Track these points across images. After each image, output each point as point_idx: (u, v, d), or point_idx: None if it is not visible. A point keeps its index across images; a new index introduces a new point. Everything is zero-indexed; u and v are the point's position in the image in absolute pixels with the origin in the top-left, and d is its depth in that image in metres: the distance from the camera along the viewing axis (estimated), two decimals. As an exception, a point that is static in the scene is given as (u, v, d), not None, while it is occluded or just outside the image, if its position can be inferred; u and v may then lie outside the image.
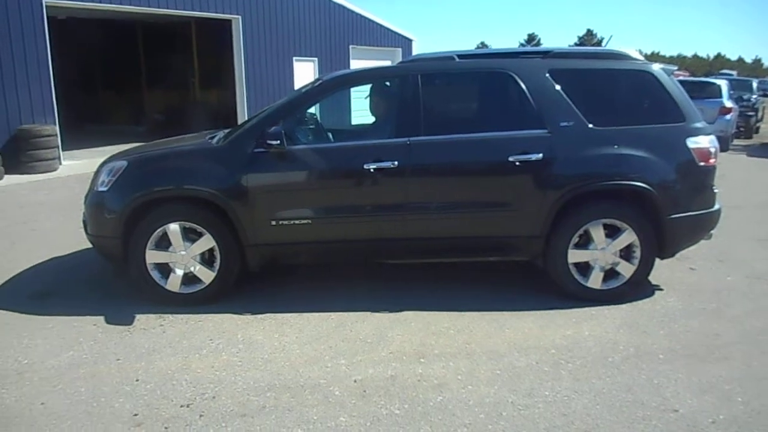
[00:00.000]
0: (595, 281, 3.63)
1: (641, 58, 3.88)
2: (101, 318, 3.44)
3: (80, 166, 9.50)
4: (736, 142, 13.39)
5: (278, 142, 3.46)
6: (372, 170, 3.51)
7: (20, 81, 9.02)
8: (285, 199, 3.61)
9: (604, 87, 3.77)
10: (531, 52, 3.98)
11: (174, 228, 3.53)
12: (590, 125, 3.57)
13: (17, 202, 6.99)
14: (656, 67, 3.77)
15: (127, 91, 16.22)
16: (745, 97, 14.88)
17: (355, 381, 2.74)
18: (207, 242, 3.57)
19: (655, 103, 3.71)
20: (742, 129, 14.36)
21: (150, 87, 16.30)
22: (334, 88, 3.98)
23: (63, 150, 9.65)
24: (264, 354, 3.01)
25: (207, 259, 3.63)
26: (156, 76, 15.97)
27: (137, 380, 2.75)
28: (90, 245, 3.98)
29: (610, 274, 3.66)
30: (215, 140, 3.91)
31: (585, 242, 3.62)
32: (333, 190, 3.67)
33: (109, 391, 2.65)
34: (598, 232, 3.57)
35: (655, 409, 2.50)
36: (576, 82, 3.66)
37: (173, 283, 3.60)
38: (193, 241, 3.58)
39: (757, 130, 15.82)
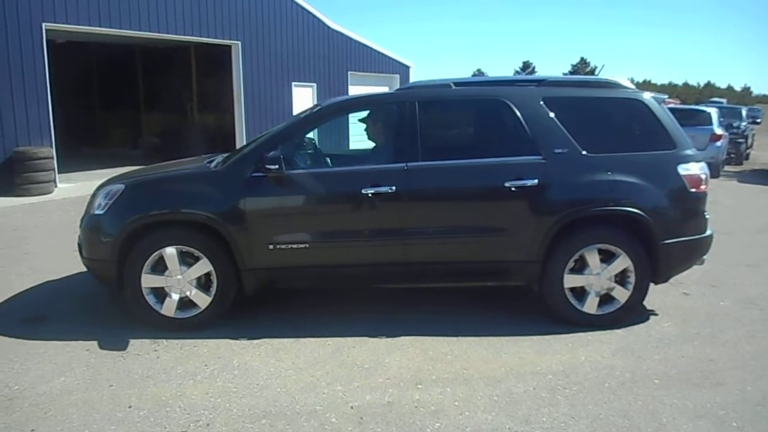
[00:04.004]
0: (590, 306, 3.65)
1: (632, 86, 3.99)
2: (94, 343, 3.40)
3: (76, 189, 9.50)
4: (727, 168, 13.63)
5: (277, 166, 3.50)
6: (370, 195, 3.55)
7: (17, 103, 9.10)
8: (283, 223, 3.63)
9: (597, 115, 3.85)
10: (525, 81, 4.08)
11: (170, 252, 3.53)
12: (584, 152, 3.64)
13: (11, 225, 6.96)
14: (647, 96, 3.86)
15: (125, 114, 16.36)
16: (734, 124, 15.21)
17: (351, 407, 2.72)
18: (204, 266, 3.57)
19: (646, 131, 3.79)
20: (732, 156, 14.64)
21: (148, 110, 16.45)
22: (332, 114, 4.05)
23: (59, 172, 9.67)
24: (259, 380, 2.99)
25: (203, 283, 3.62)
26: (154, 99, 16.14)
27: (130, 407, 2.71)
28: (84, 269, 3.97)
29: (606, 299, 3.68)
30: (213, 164, 3.94)
31: (580, 267, 3.65)
32: (331, 215, 3.70)
33: (101, 418, 2.61)
34: (593, 257, 3.61)
35: (653, 436, 2.50)
36: (569, 109, 3.74)
37: (168, 308, 3.58)
38: (190, 265, 3.57)
39: (747, 157, 16.14)
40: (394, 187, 3.54)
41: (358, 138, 4.94)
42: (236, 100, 13.17)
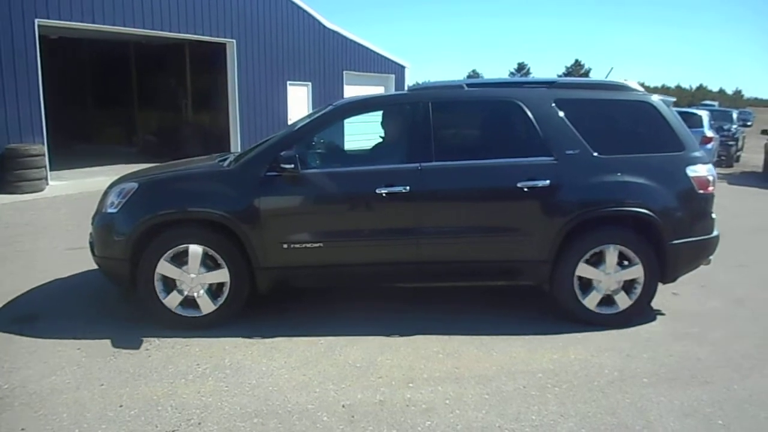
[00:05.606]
0: (591, 301, 3.68)
1: (641, 89, 4.01)
2: (85, 342, 3.39)
3: (67, 187, 9.45)
4: (717, 170, 13.64)
5: (292, 166, 3.51)
6: (384, 195, 3.56)
7: (9, 99, 9.02)
8: (297, 222, 3.63)
9: (607, 116, 3.88)
10: (536, 82, 4.06)
11: (196, 250, 3.52)
12: (595, 153, 3.67)
13: (2, 222, 6.91)
14: (655, 98, 3.91)
15: (119, 112, 16.27)
16: (725, 127, 15.35)
17: (343, 406, 2.73)
18: (221, 276, 3.57)
19: (655, 133, 3.83)
20: (723, 158, 14.76)
21: (142, 108, 16.36)
22: (346, 113, 4.00)
23: (51, 170, 9.60)
24: (251, 379, 2.99)
25: (213, 290, 3.62)
26: (148, 96, 16.05)
27: (121, 406, 2.71)
28: (76, 267, 3.95)
29: (607, 300, 3.71)
30: (226, 163, 3.93)
31: (597, 261, 3.67)
32: (345, 214, 3.70)
33: (92, 417, 2.61)
34: (611, 257, 3.63)
35: (640, 434, 2.53)
36: (580, 111, 3.77)
37: (172, 301, 3.57)
38: (209, 268, 3.57)
39: (737, 159, 16.26)
40: (408, 187, 3.56)
41: (353, 138, 4.94)
42: (231, 98, 13.13)
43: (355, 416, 2.64)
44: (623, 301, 3.69)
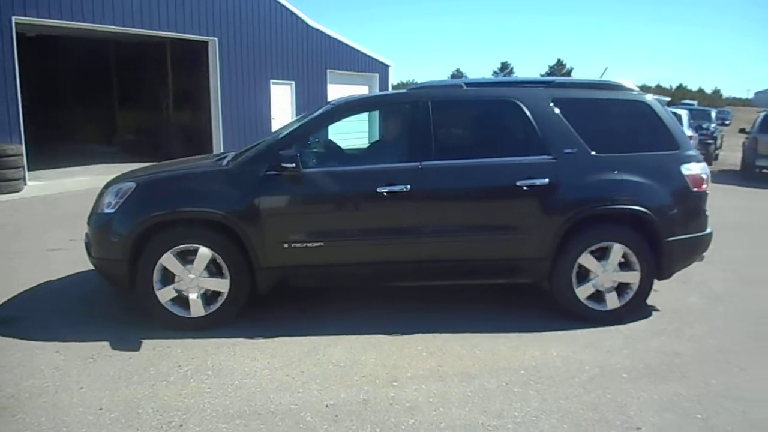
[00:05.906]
0: (583, 292, 3.73)
1: (636, 88, 4.06)
2: (65, 345, 3.33)
3: (46, 187, 9.26)
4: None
5: (293, 165, 3.49)
6: (385, 194, 3.56)
7: (-15, 99, 8.81)
8: (297, 221, 3.62)
9: (604, 116, 3.92)
10: (534, 82, 4.10)
11: (205, 252, 3.49)
12: (592, 152, 3.72)
13: (-22, 223, 6.74)
14: (650, 98, 3.97)
15: (99, 111, 15.97)
16: (704, 125, 15.66)
17: (327, 406, 2.73)
18: (221, 285, 3.54)
19: (650, 132, 3.89)
20: (702, 156, 15.06)
21: (122, 107, 16.10)
22: (346, 112, 3.96)
23: (28, 170, 9.39)
24: (234, 380, 2.97)
25: (208, 296, 3.58)
26: (129, 96, 15.80)
27: (101, 409, 2.67)
28: (55, 270, 3.88)
29: (597, 296, 3.75)
30: (225, 162, 3.89)
31: (600, 256, 3.71)
32: (346, 213, 3.70)
33: (71, 421, 2.56)
34: (615, 255, 3.68)
35: (620, 427, 2.57)
36: (577, 110, 3.81)
37: (165, 294, 3.53)
38: (211, 274, 3.54)
39: (716, 158, 16.60)
40: (408, 186, 3.56)
41: (338, 138, 4.92)
42: (213, 97, 12.98)
43: (339, 415, 2.64)
44: (612, 301, 3.75)
